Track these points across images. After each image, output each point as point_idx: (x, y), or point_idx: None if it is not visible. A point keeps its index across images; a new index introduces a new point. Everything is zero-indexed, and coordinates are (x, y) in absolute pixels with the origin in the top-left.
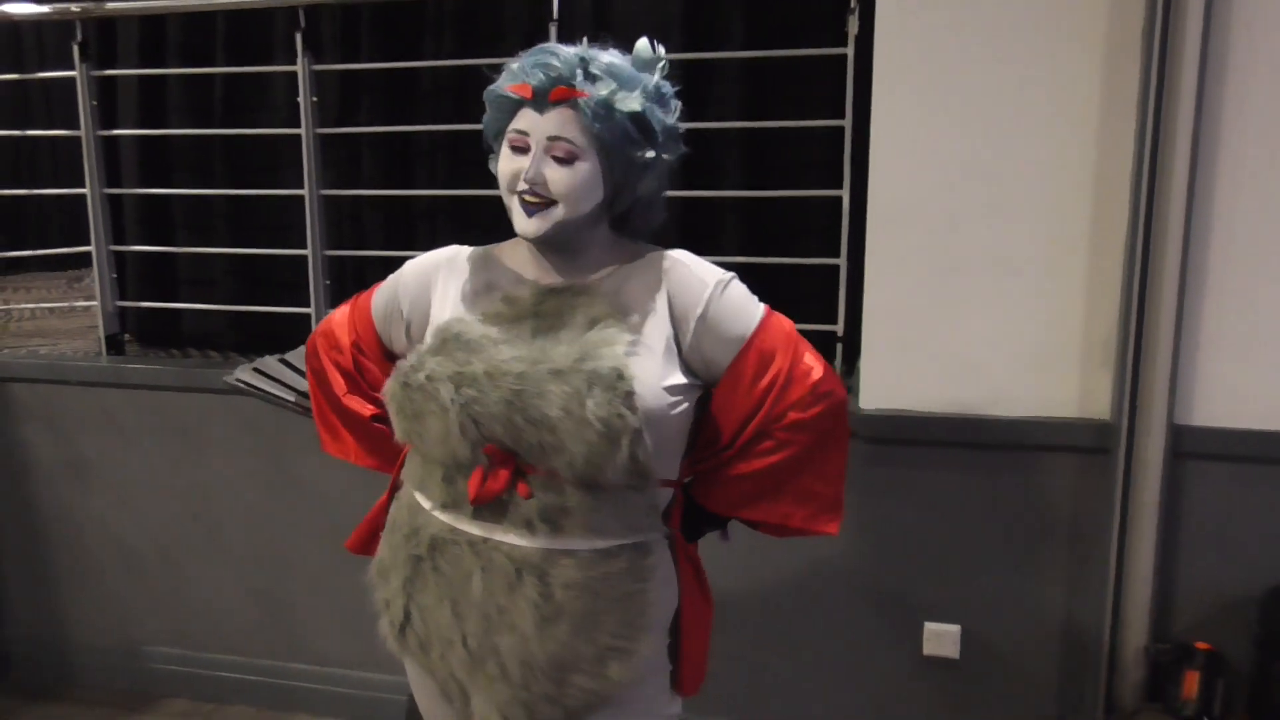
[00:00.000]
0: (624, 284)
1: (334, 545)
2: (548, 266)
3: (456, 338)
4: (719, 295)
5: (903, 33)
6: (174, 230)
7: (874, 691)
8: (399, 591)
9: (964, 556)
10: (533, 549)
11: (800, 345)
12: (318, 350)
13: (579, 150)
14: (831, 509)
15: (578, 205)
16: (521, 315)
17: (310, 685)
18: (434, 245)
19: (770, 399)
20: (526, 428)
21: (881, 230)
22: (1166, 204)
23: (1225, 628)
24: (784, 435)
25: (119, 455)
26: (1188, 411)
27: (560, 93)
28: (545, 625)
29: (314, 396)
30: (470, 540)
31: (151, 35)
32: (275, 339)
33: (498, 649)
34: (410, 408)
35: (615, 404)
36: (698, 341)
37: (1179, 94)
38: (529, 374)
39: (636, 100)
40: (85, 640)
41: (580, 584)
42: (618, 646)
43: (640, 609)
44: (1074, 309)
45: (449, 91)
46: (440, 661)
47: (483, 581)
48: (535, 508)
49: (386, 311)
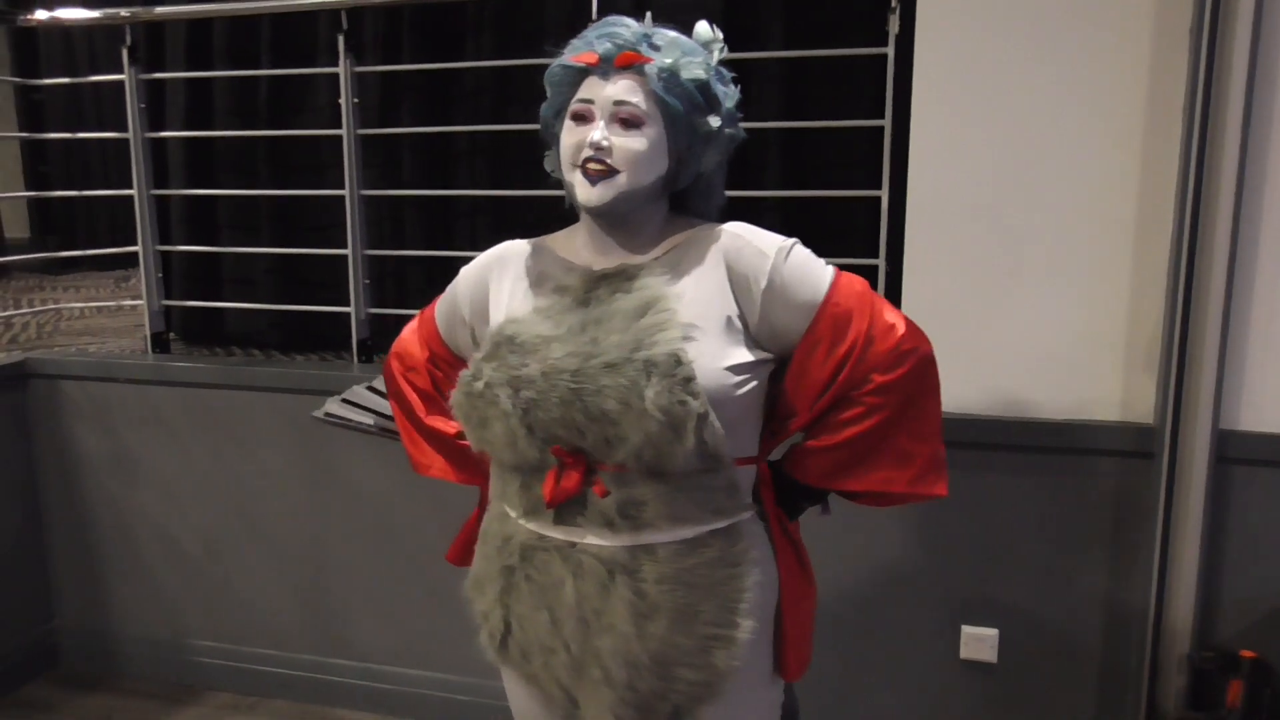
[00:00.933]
0: (678, 262)
1: (375, 541)
2: (603, 246)
3: (510, 340)
4: (783, 262)
5: (943, 32)
6: (218, 230)
7: (910, 694)
8: (496, 602)
9: (1003, 559)
10: (618, 548)
11: (877, 302)
12: (394, 373)
13: (645, 116)
14: (935, 468)
15: (641, 174)
16: (572, 305)
17: (350, 680)
18: (474, 245)
19: (851, 363)
20: (587, 424)
21: (921, 230)
22: (1214, 204)
23: (1271, 636)
24: (871, 400)
25: (165, 451)
26: (1233, 416)
27: (627, 58)
28: (643, 623)
29: (398, 419)
30: (557, 546)
31: (198, 39)
32: (316, 338)
33: (599, 652)
34: (475, 416)
35: (675, 391)
36: (766, 313)
37: (1227, 92)
38: (584, 369)
39: (701, 68)
40: (132, 632)
41: (672, 577)
42: (719, 635)
43: (737, 594)
44: (1117, 311)
45: (489, 92)
46: (543, 669)
47: (575, 586)
48: (613, 504)
49: (449, 321)
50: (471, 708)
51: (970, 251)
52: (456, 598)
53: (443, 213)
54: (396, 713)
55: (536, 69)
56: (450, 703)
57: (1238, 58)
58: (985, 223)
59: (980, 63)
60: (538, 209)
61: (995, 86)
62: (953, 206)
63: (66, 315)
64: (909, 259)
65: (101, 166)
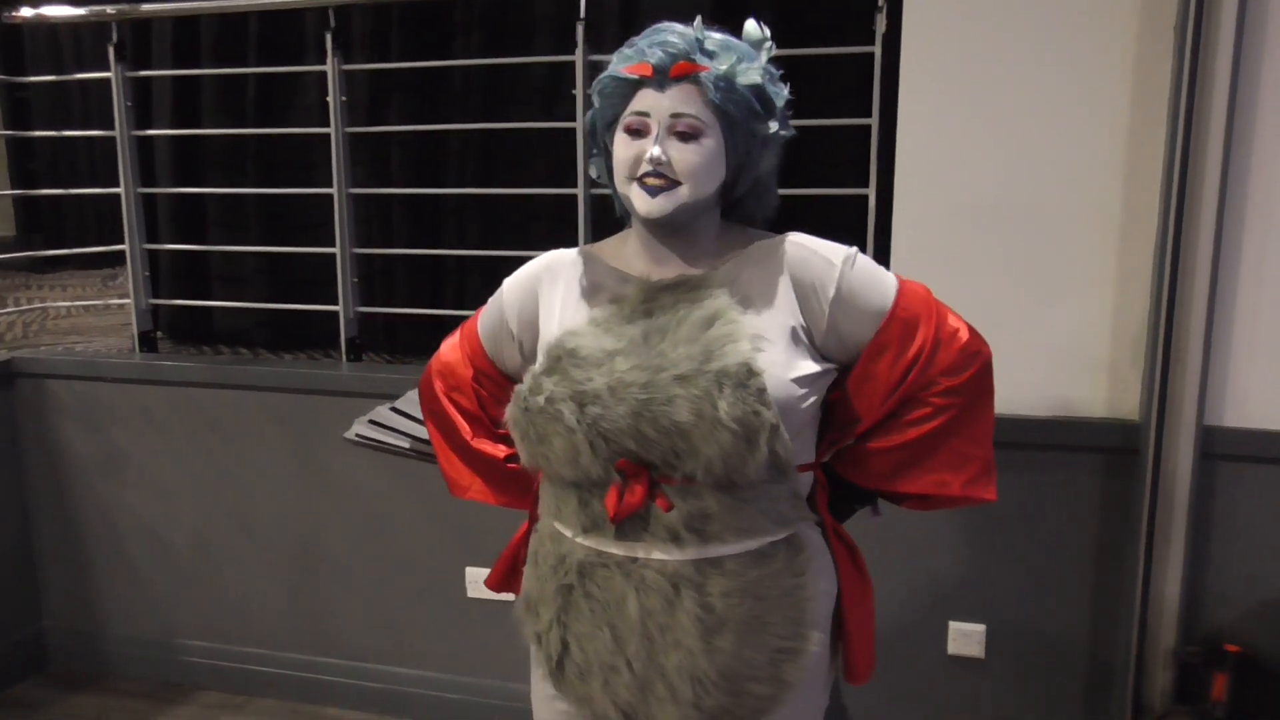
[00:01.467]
0: (740, 274)
1: (364, 540)
2: (660, 256)
3: (571, 354)
4: (850, 271)
5: (930, 31)
6: (206, 229)
7: (898, 690)
8: (553, 624)
9: (990, 555)
10: (683, 561)
11: (942, 308)
12: (435, 392)
13: (703, 126)
14: (987, 472)
15: (703, 185)
16: (632, 316)
17: (340, 679)
18: (462, 244)
19: (918, 368)
20: (658, 437)
21: (907, 229)
22: (1198, 203)
23: (1255, 630)
24: (939, 401)
25: (153, 450)
26: (1218, 412)
27: (682, 68)
28: (710, 637)
29: (436, 440)
30: (618, 562)
31: (185, 36)
32: (304, 336)
33: (664, 669)
34: (534, 432)
35: (749, 402)
36: (834, 323)
37: (1211, 91)
38: (654, 382)
39: (757, 72)
40: (122, 632)
41: (740, 590)
42: (788, 648)
43: (802, 604)
44: (1103, 308)
45: (477, 90)
46: (603, 690)
47: (638, 602)
48: (678, 518)
49: (495, 335)
50: (461, 706)
51: (956, 250)
52: (446, 596)
53: (431, 211)
54: (386, 711)
55: (524, 67)
56: (440, 701)
57: (1221, 56)
58: (971, 221)
59: (966, 62)
60: (525, 207)
61: (981, 86)
62: (939, 205)
63: (53, 314)
64: (895, 258)
65: (89, 164)
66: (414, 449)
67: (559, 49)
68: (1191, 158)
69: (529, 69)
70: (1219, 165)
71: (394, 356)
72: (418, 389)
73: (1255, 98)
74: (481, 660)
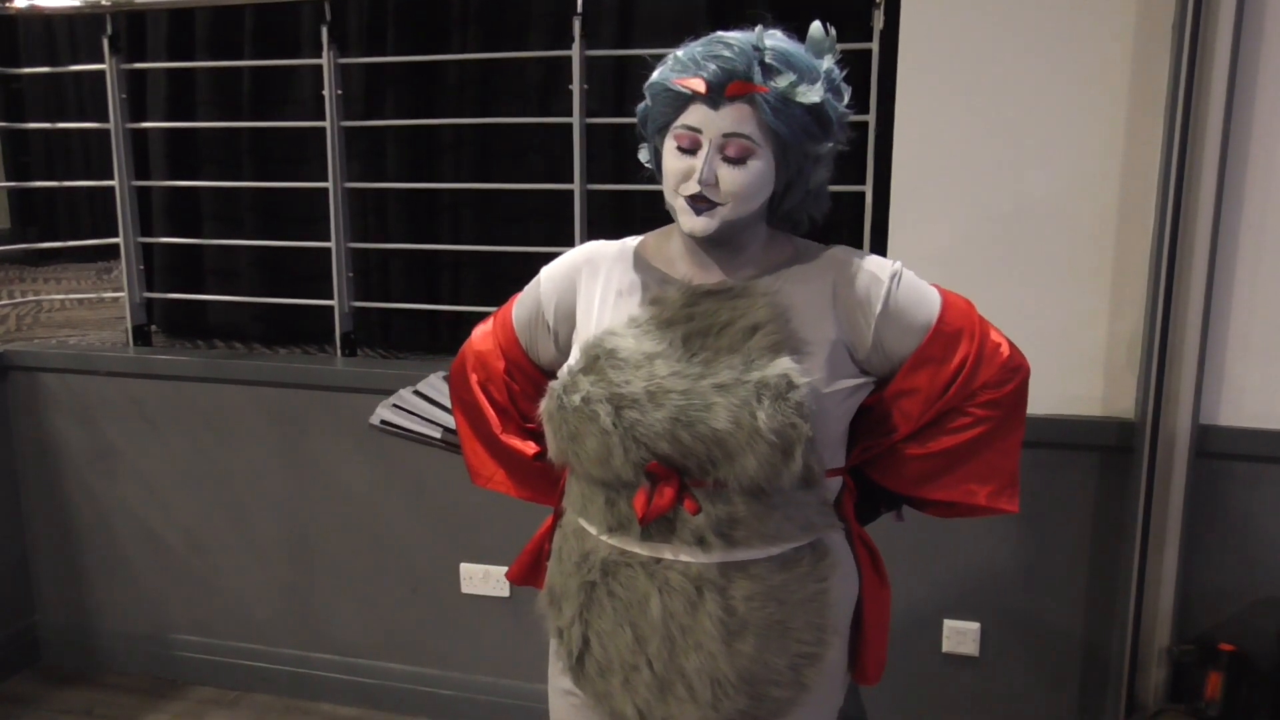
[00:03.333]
0: (784, 284)
1: (357, 534)
2: (703, 263)
3: (610, 354)
4: (896, 287)
5: (927, 28)
6: (200, 222)
7: (893, 688)
8: (575, 619)
9: (984, 554)
10: (709, 564)
11: (984, 323)
12: (470, 382)
13: (754, 147)
14: (1013, 485)
15: (749, 203)
16: (672, 320)
17: (332, 674)
18: (457, 239)
19: (961, 379)
20: (694, 444)
21: (904, 226)
22: (1195, 202)
23: (1249, 629)
24: (980, 411)
25: (146, 445)
26: (1213, 411)
27: (737, 88)
28: (732, 640)
29: (462, 429)
30: (642, 562)
31: (180, 29)
32: (299, 331)
33: (684, 670)
34: (567, 430)
35: (788, 414)
36: (879, 338)
37: (1209, 90)
38: (693, 389)
39: (817, 92)
40: (114, 627)
41: (763, 594)
42: (809, 652)
43: (824, 610)
44: (1099, 307)
45: (474, 84)
46: (623, 688)
47: (661, 603)
48: (706, 522)
49: (530, 325)
50: (454, 702)
51: (953, 248)
52: (440, 592)
53: (427, 206)
54: (380, 706)
55: (520, 62)
56: (433, 697)
57: (1219, 56)
58: (968, 219)
59: (964, 59)
60: (521, 203)
61: (979, 83)
62: (936, 203)
63: (47, 307)
64: (892, 254)
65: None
66: (444, 440)
67: (555, 44)
68: (1189, 157)
69: (525, 64)
70: (1216, 165)
71: (389, 352)
72: (443, 375)
73: (1253, 97)
74: (475, 656)
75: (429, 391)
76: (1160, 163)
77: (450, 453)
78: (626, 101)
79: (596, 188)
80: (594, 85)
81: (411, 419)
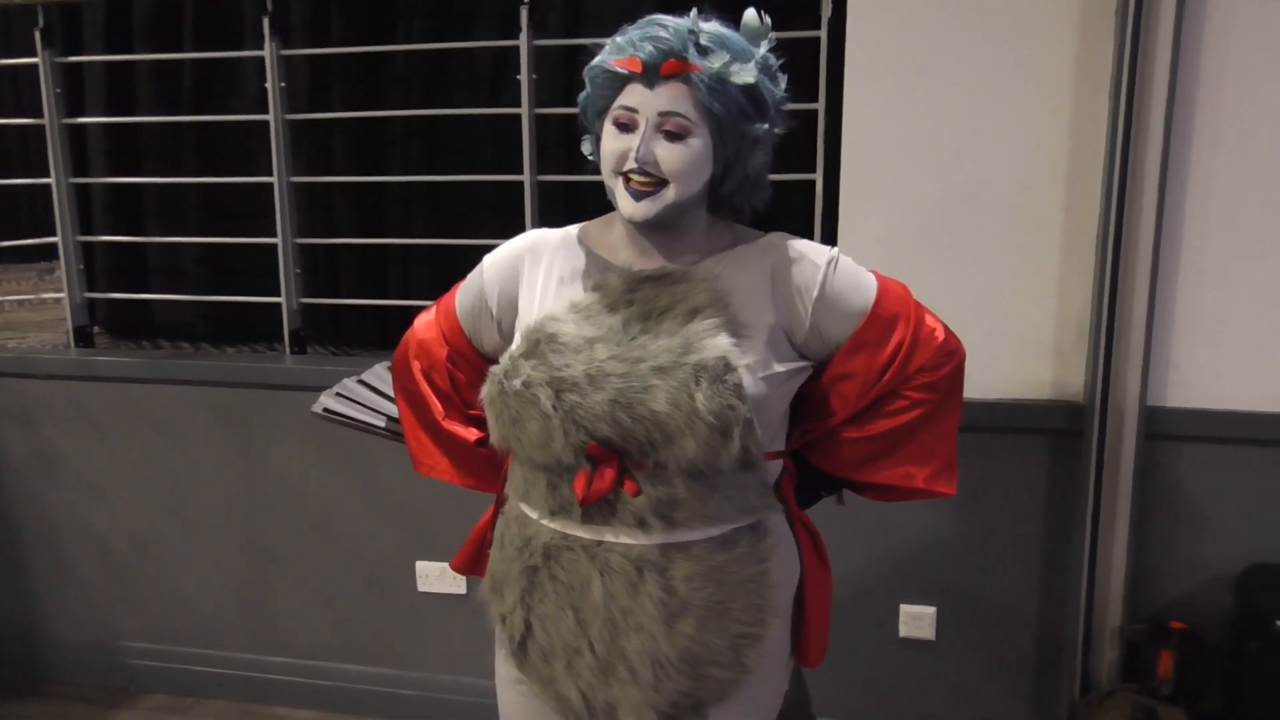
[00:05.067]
0: (723, 270)
1: (311, 536)
2: (644, 249)
3: (551, 339)
4: (833, 272)
5: (875, 16)
6: (144, 220)
7: (851, 673)
8: (517, 605)
9: (939, 539)
10: (649, 546)
11: (920, 308)
12: (412, 369)
13: (691, 126)
14: (950, 468)
15: (688, 185)
16: (613, 305)
17: (288, 678)
18: (407, 232)
19: (897, 363)
20: (633, 425)
21: (854, 214)
22: (1139, 186)
23: (1199, 607)
24: (916, 395)
25: (91, 449)
26: (1160, 393)
27: (672, 66)
28: (672, 621)
29: (405, 417)
30: (584, 545)
31: (117, 20)
32: (247, 329)
33: (626, 652)
34: (508, 414)
35: (725, 395)
36: (817, 322)
37: (1152, 78)
38: (632, 372)
39: (750, 72)
40: (61, 636)
41: (702, 574)
42: (749, 633)
43: (764, 591)
44: (1048, 292)
45: (421, 76)
46: (565, 672)
47: (603, 585)
48: (646, 504)
49: (473, 312)
50: (413, 702)
51: (903, 235)
52: (396, 591)
53: (376, 199)
54: (337, 708)
55: (468, 52)
56: (392, 697)
57: (1161, 42)
58: (918, 206)
59: (911, 46)
60: (472, 194)
61: (926, 70)
62: (885, 190)
63: None
64: (843, 242)
65: (21, 153)
66: (389, 428)
67: (503, 34)
68: (1133, 141)
69: (473, 54)
70: (1159, 151)
71: (339, 348)
72: (386, 364)
73: (1195, 85)
74: (433, 655)
75: (373, 380)
76: (1105, 147)
77: (394, 441)
78: (576, 91)
79: (547, 179)
80: (543, 75)
81: (355, 407)
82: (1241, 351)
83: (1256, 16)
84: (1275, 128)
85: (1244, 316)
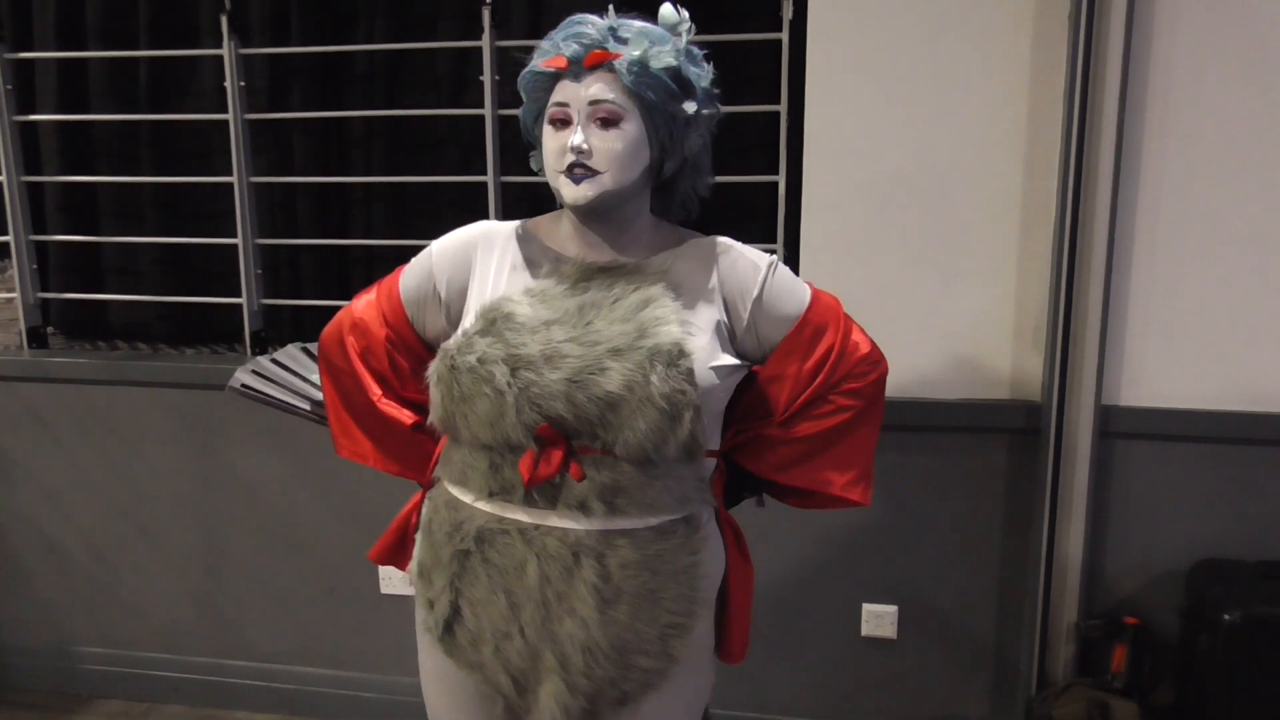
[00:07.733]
0: (672, 266)
1: (269, 538)
2: (592, 241)
3: (507, 318)
4: (772, 277)
5: (836, 18)
6: (99, 219)
7: (814, 672)
8: (445, 589)
9: (900, 538)
10: (589, 531)
11: (849, 321)
12: (346, 349)
13: (622, 111)
14: (866, 478)
15: (626, 170)
16: (568, 291)
17: (249, 681)
18: (369, 233)
19: (826, 368)
20: (587, 405)
21: (817, 215)
22: (1093, 189)
23: (1152, 602)
24: (842, 400)
25: (44, 451)
26: (1115, 392)
27: (595, 57)
28: (605, 608)
29: (329, 397)
30: (520, 528)
31: (71, 16)
32: (207, 330)
33: (556, 636)
34: (458, 390)
35: (678, 380)
36: (753, 322)
37: (1104, 82)
38: (589, 354)
39: (670, 55)
40: (13, 642)
41: (637, 563)
42: (678, 623)
43: (695, 582)
44: (1006, 293)
45: (382, 75)
46: (494, 656)
47: (539, 569)
48: (591, 488)
49: (419, 296)
50: (375, 705)
51: (865, 236)
52: (358, 593)
53: (337, 199)
54: (298, 712)
55: (430, 52)
56: (354, 700)
57: (1113, 47)
58: (879, 208)
59: (872, 48)
60: (434, 195)
61: (886, 73)
62: (848, 192)
63: None
64: (805, 244)
65: None
66: (314, 412)
67: (465, 34)
68: (1086, 147)
69: (435, 54)
70: (1112, 155)
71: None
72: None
73: (1145, 85)
74: (396, 658)
75: (287, 361)
76: (1060, 150)
77: (315, 423)
78: None
79: (510, 180)
80: (506, 76)
81: (274, 386)
82: (1193, 351)
83: (1202, 20)
84: (1222, 129)
85: (1195, 316)
